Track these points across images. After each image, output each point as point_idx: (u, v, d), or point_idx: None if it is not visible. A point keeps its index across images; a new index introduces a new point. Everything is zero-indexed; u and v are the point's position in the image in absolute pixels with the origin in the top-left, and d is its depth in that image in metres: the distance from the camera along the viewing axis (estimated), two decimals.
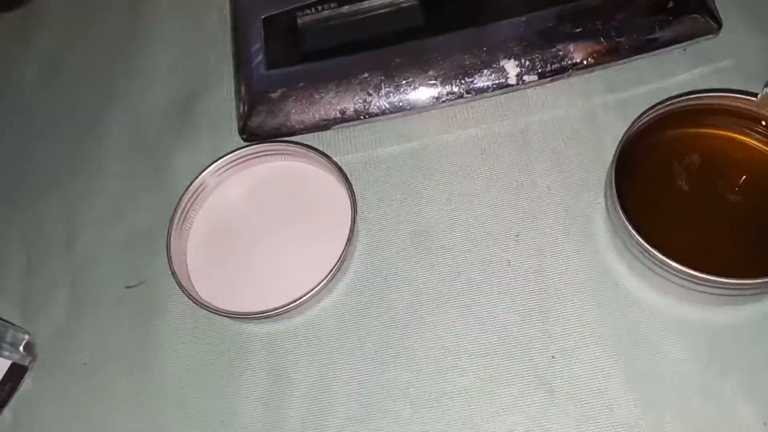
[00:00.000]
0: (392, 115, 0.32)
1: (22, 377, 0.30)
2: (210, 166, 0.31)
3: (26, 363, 0.30)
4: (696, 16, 0.30)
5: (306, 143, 0.32)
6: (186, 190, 0.31)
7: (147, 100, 0.36)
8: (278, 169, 0.32)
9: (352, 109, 0.31)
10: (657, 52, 0.30)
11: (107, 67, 0.38)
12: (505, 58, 0.30)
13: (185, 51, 0.38)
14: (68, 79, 0.39)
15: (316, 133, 0.32)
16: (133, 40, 0.39)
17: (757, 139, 0.27)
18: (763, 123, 0.27)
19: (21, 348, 0.30)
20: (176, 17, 0.39)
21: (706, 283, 0.23)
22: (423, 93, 0.31)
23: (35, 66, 0.40)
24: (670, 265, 0.23)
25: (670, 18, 0.30)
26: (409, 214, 0.30)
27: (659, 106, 0.27)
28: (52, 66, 0.39)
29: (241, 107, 0.33)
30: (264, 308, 0.28)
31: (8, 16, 0.42)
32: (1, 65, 0.40)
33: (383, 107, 0.31)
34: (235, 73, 0.34)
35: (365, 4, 0.32)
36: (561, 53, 0.30)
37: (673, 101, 0.27)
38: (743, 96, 0.27)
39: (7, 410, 0.30)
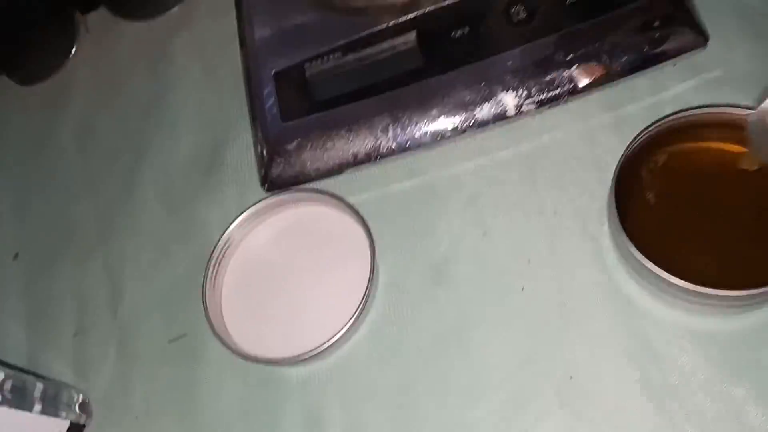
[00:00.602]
0: (401, 154, 0.33)
1: None
2: (235, 219, 0.33)
3: (83, 422, 0.32)
4: (683, 31, 0.31)
5: (323, 189, 0.34)
6: (215, 245, 0.33)
7: (174, 156, 0.39)
8: (299, 215, 0.34)
9: (363, 152, 0.33)
10: (648, 69, 0.31)
11: (136, 127, 0.41)
12: (502, 90, 0.32)
13: (205, 107, 0.40)
14: (102, 141, 0.42)
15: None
16: (157, 99, 0.41)
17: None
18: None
19: (77, 407, 0.32)
20: (194, 75, 0.41)
21: (711, 297, 0.24)
22: (428, 131, 0.33)
23: (71, 130, 0.43)
24: (674, 283, 0.24)
25: (658, 35, 0.31)
26: (424, 248, 0.32)
27: (653, 125, 0.28)
28: (86, 129, 0.42)
29: (261, 159, 0.35)
30: (295, 350, 0.30)
31: (44, 84, 0.45)
32: (39, 131, 0.43)
33: (392, 148, 0.33)
34: (252, 126, 0.36)
35: (367, 51, 0.34)
36: (556, 81, 0.31)
37: (665, 119, 0.28)
38: (734, 108, 0.27)
39: None
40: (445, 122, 0.33)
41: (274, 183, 0.35)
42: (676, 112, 0.28)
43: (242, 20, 0.38)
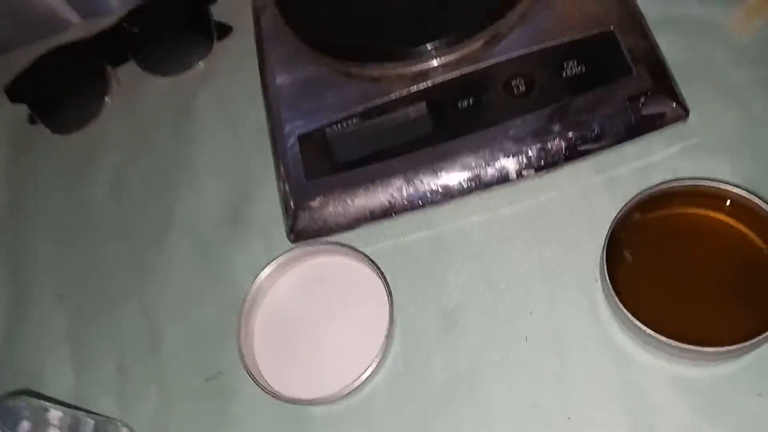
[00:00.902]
0: (413, 211, 0.37)
1: None
2: (264, 269, 0.37)
3: None
4: (666, 104, 0.35)
5: (344, 241, 0.38)
6: (247, 292, 0.37)
7: (204, 208, 0.43)
8: (322, 266, 0.38)
9: (379, 209, 0.37)
10: (635, 139, 0.35)
11: (166, 178, 0.45)
12: (504, 157, 0.36)
13: (231, 161, 0.44)
14: (134, 191, 0.45)
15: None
16: (185, 152, 0.45)
17: (727, 216, 0.31)
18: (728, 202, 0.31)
19: None
20: (218, 130, 0.45)
21: (692, 352, 0.28)
22: (438, 191, 0.36)
23: (105, 179, 0.46)
24: (659, 339, 0.28)
25: (644, 108, 0.35)
26: (436, 297, 0.36)
27: (642, 192, 0.32)
28: (119, 179, 0.46)
29: (287, 213, 0.38)
30: (321, 391, 0.33)
31: (75, 136, 0.49)
32: (75, 179, 0.47)
33: (405, 205, 0.37)
34: (278, 183, 0.39)
35: (383, 118, 0.38)
36: (552, 148, 0.35)
37: (653, 187, 0.32)
38: (710, 181, 0.31)
39: None
40: (453, 183, 0.36)
41: (299, 235, 0.38)
42: (661, 183, 0.32)
43: (266, 85, 0.42)
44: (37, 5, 0.53)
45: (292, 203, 0.38)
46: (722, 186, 0.31)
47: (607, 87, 0.35)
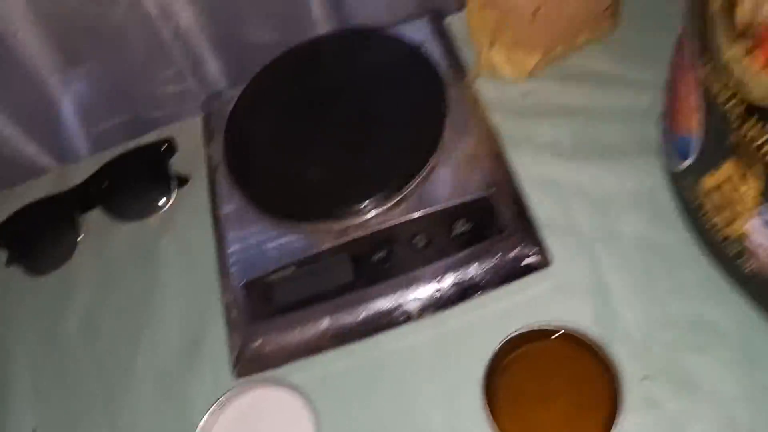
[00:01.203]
0: (340, 346, 0.45)
1: None
2: (210, 407, 0.44)
3: None
4: (533, 255, 0.45)
5: (282, 374, 0.45)
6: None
7: (165, 344, 0.50)
8: (260, 399, 0.45)
9: (312, 346, 0.45)
10: (508, 283, 0.45)
11: (132, 316, 0.52)
12: (409, 300, 0.44)
13: (189, 301, 0.51)
14: (102, 329, 0.52)
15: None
16: (150, 291, 0.52)
17: (569, 348, 0.41)
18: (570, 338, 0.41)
19: None
20: (178, 274, 0.53)
21: None
22: (359, 329, 0.45)
23: (76, 318, 0.53)
24: None
25: (515, 259, 0.44)
26: (359, 422, 0.43)
27: (514, 331, 0.41)
28: (89, 318, 0.53)
29: (232, 352, 0.46)
30: None
31: (48, 277, 0.56)
32: (48, 318, 0.53)
33: (333, 342, 0.45)
34: (226, 324, 0.47)
35: (315, 267, 0.46)
36: (445, 294, 0.44)
37: (521, 328, 0.41)
38: (564, 324, 0.41)
39: None
40: (370, 323, 0.45)
41: (242, 371, 0.46)
42: (524, 326, 0.41)
43: (217, 236, 0.50)
44: (16, 152, 0.61)
45: (236, 343, 0.46)
46: (566, 326, 0.40)
47: (486, 243, 0.45)
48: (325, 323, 0.45)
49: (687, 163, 0.38)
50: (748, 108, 0.29)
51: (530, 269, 0.45)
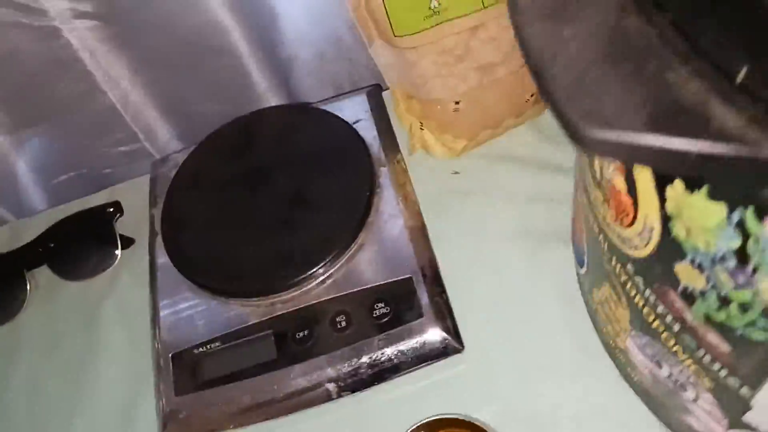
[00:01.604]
0: (263, 422, 0.47)
1: None
2: None
3: None
4: (446, 341, 0.46)
5: None
6: None
7: (100, 410, 0.51)
8: None
9: (235, 422, 0.47)
10: (421, 366, 0.46)
11: (73, 378, 0.53)
12: (328, 381, 0.46)
13: (127, 365, 0.53)
14: (44, 388, 0.54)
15: None
16: (89, 354, 0.54)
17: None
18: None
19: None
20: (117, 337, 0.54)
21: None
22: (280, 405, 0.47)
23: (21, 375, 0.55)
24: None
25: (428, 345, 0.46)
26: None
27: (422, 420, 0.42)
28: (34, 375, 0.54)
29: (159, 422, 0.48)
30: None
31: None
32: None
33: (256, 417, 0.47)
34: (155, 393, 0.49)
35: (239, 342, 0.48)
36: (362, 375, 0.46)
37: (429, 417, 0.42)
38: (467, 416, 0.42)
39: None
40: (291, 401, 0.47)
41: None
42: (432, 416, 0.43)
43: (153, 304, 0.52)
44: None
45: (163, 416, 0.48)
46: (469, 416, 0.42)
47: (404, 326, 0.47)
48: (247, 399, 0.47)
49: (583, 270, 0.40)
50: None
51: (445, 353, 0.46)
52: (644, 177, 0.24)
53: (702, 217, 0.21)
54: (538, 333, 0.47)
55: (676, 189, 0.22)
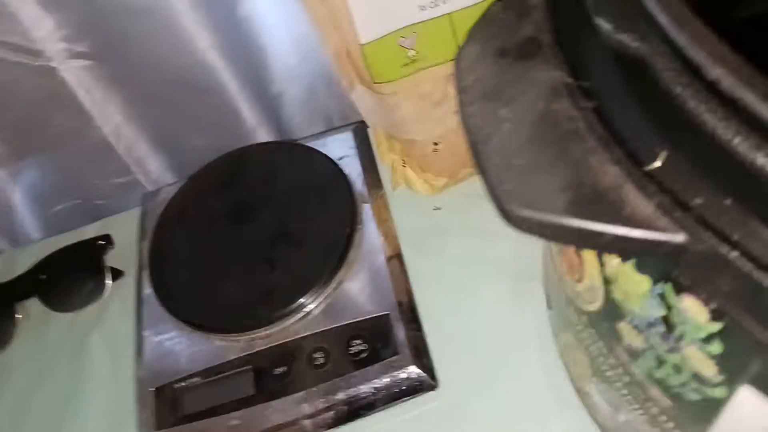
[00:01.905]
0: None
1: None
2: None
3: None
4: (421, 380, 0.47)
5: None
6: None
7: None
8: None
9: None
10: (396, 402, 0.47)
11: (59, 409, 0.54)
12: (305, 418, 0.47)
13: (114, 397, 0.53)
14: (30, 419, 0.55)
15: None
16: (80, 384, 0.55)
17: None
18: None
19: None
20: (104, 370, 0.55)
21: None
22: None
23: (7, 405, 0.56)
24: None
25: (402, 381, 0.47)
26: None
27: None
28: (20, 406, 0.55)
29: None
30: None
31: None
32: None
33: None
34: (138, 426, 0.50)
35: (219, 377, 0.49)
36: (338, 412, 0.47)
37: None
38: None
39: None
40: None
41: None
42: None
43: (138, 338, 0.53)
44: None
45: None
46: None
47: (380, 364, 0.47)
48: None
49: (550, 313, 0.41)
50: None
51: (420, 390, 0.47)
52: None
53: (633, 285, 0.22)
54: (512, 372, 0.47)
55: (611, 257, 0.23)
